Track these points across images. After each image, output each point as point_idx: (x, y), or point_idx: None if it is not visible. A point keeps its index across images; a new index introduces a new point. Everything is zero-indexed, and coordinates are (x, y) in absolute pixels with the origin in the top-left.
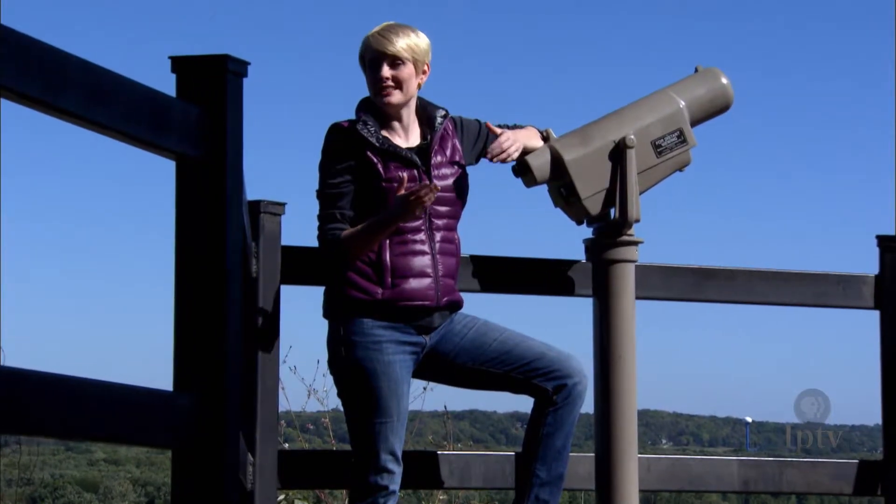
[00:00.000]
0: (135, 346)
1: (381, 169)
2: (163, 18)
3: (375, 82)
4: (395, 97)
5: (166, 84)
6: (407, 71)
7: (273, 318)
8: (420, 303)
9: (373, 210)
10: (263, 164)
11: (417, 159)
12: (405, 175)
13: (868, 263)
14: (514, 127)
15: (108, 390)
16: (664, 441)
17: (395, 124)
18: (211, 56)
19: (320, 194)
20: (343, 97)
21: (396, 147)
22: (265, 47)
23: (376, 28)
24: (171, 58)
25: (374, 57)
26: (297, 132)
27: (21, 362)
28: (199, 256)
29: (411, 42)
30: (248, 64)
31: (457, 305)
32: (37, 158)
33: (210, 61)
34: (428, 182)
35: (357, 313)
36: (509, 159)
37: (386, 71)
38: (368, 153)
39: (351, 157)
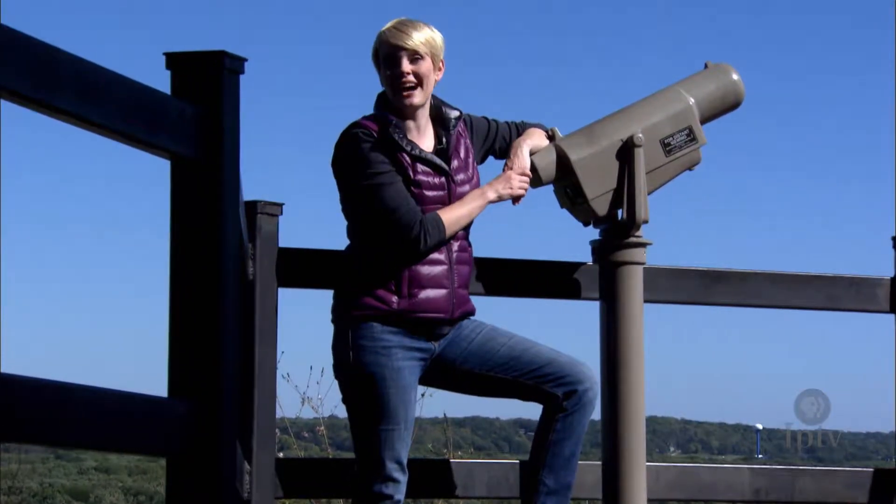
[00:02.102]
0: (128, 350)
1: (410, 172)
2: (157, 13)
3: (394, 79)
4: (417, 97)
5: (161, 81)
6: (426, 66)
7: (270, 321)
8: (435, 314)
9: None
10: (261, 163)
11: (446, 166)
12: (430, 179)
13: (883, 265)
14: (520, 125)
15: (100, 396)
16: (672, 448)
17: (411, 124)
18: (207, 52)
19: (375, 186)
20: (343, 94)
21: (428, 154)
22: (262, 43)
23: (389, 23)
24: (166, 54)
25: (391, 52)
26: (296, 130)
27: (8, 367)
28: (195, 258)
29: (428, 37)
30: (246, 60)
31: (469, 315)
32: (27, 158)
33: (206, 58)
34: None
35: (368, 319)
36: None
37: (406, 66)
38: (398, 154)
39: (385, 154)
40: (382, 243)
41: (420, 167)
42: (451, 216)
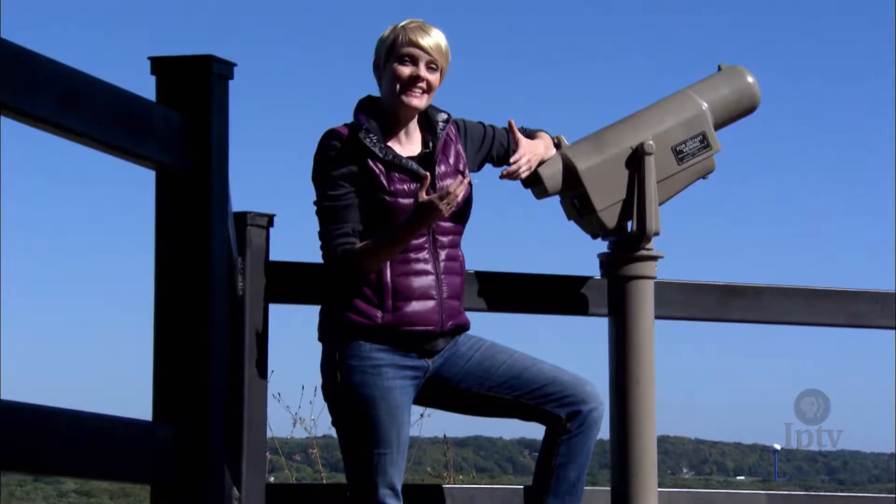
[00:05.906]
0: (110, 371)
1: (384, 180)
2: (142, 16)
3: (410, 78)
4: (423, 101)
5: (146, 87)
6: (437, 78)
7: (260, 339)
8: (423, 328)
9: (374, 225)
10: (251, 172)
11: (424, 172)
12: (408, 187)
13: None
14: (522, 130)
15: (81, 420)
16: (685, 470)
17: (397, 128)
18: (194, 57)
19: (322, 208)
20: (336, 100)
21: (402, 158)
22: (251, 47)
23: (412, 23)
24: (150, 59)
25: (415, 54)
26: (287, 138)
27: None
28: (181, 273)
29: (445, 48)
30: (235, 65)
31: (463, 328)
32: (3, 168)
33: (193, 62)
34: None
35: (355, 337)
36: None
37: (423, 71)
38: (370, 161)
39: (350, 164)
40: None
41: (396, 174)
42: (370, 250)
